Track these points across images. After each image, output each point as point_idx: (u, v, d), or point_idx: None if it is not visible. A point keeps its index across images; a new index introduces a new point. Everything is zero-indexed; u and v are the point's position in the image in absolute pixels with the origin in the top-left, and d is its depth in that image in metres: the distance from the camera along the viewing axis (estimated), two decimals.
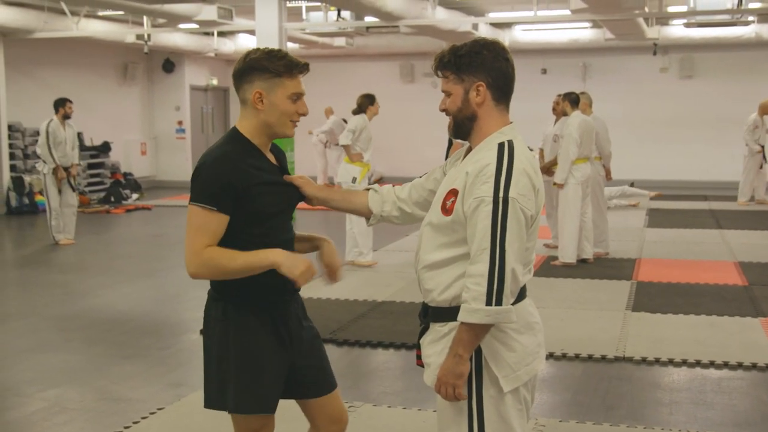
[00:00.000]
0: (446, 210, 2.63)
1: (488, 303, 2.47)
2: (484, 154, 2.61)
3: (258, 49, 2.95)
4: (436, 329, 2.71)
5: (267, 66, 2.86)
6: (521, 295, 2.69)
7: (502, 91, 2.69)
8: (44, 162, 11.21)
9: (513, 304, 2.57)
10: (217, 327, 2.93)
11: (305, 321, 3.10)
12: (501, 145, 2.60)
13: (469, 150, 2.73)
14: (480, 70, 2.65)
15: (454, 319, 2.56)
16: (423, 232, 2.76)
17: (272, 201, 2.90)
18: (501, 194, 2.50)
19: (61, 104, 11.15)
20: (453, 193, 2.63)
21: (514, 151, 2.59)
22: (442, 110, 2.77)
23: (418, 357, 2.80)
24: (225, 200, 2.79)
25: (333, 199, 3.10)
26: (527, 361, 2.68)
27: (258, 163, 2.89)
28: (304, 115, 2.94)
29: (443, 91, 2.76)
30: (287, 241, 2.99)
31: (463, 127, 2.72)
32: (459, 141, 2.84)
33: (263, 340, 2.91)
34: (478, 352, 2.61)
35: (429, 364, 2.72)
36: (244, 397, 2.89)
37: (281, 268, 2.77)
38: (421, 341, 2.78)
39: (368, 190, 3.09)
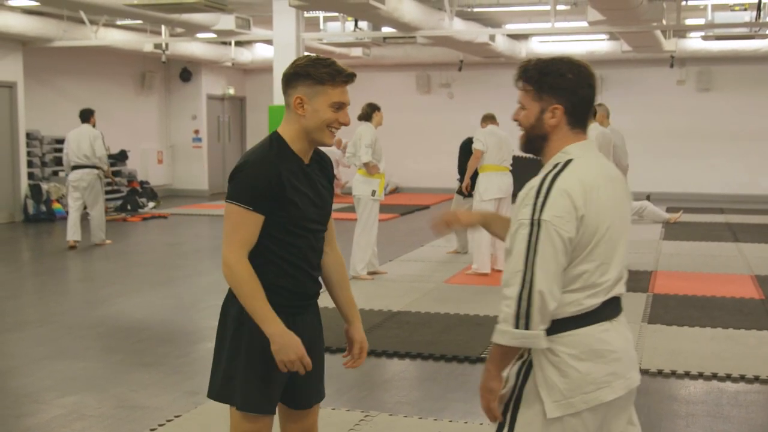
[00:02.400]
0: None
1: (516, 326, 2.45)
2: (538, 176, 2.59)
3: (307, 56, 2.98)
4: None
5: (311, 72, 2.88)
6: (590, 319, 2.58)
7: (580, 116, 2.64)
8: (99, 168, 11.91)
9: (577, 327, 2.53)
10: (233, 325, 2.97)
11: (318, 329, 3.13)
12: (553, 166, 2.57)
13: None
14: (561, 93, 2.61)
15: None
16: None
17: (300, 210, 2.93)
18: (536, 216, 2.47)
19: (92, 114, 12.04)
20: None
21: (564, 171, 2.53)
22: (515, 120, 2.74)
23: None
24: (261, 201, 2.85)
25: (492, 223, 3.16)
26: (586, 389, 2.52)
27: (294, 168, 2.93)
28: (345, 125, 2.96)
29: (519, 102, 2.73)
30: (314, 251, 3.04)
31: (533, 144, 2.70)
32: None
33: (262, 341, 2.93)
34: (526, 372, 2.59)
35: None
36: (251, 397, 2.94)
37: (272, 346, 2.85)
38: None
39: None
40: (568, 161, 2.56)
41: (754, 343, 6.58)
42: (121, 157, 17.36)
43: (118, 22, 15.80)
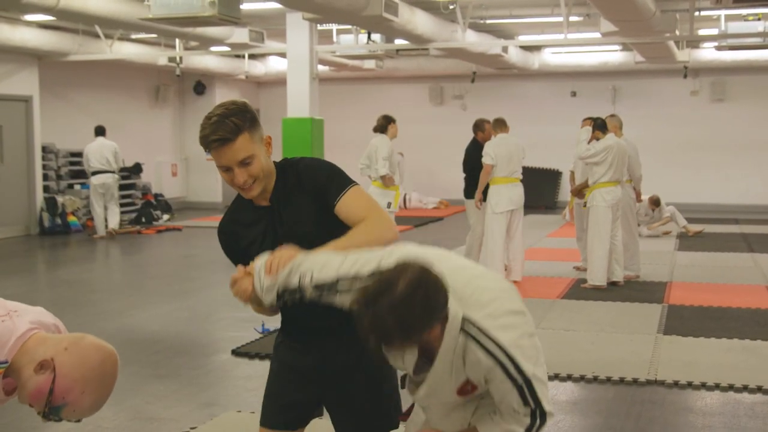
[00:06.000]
0: (467, 392, 2.51)
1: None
2: (475, 355, 2.38)
3: (215, 108, 2.90)
4: None
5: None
6: None
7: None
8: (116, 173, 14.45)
9: None
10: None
11: (353, 371, 2.94)
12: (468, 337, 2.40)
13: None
14: (437, 321, 2.35)
15: None
16: (429, 405, 2.62)
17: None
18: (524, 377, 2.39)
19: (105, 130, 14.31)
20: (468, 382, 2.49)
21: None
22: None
23: None
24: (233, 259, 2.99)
25: None
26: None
27: (246, 217, 3.01)
28: (239, 186, 2.81)
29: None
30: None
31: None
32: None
33: (278, 363, 3.05)
34: None
35: None
36: (262, 410, 3.07)
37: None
38: None
39: None
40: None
41: None
42: (136, 169, 17.44)
43: (133, 36, 15.91)
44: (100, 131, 14.34)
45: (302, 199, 2.86)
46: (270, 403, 3.04)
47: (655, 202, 13.96)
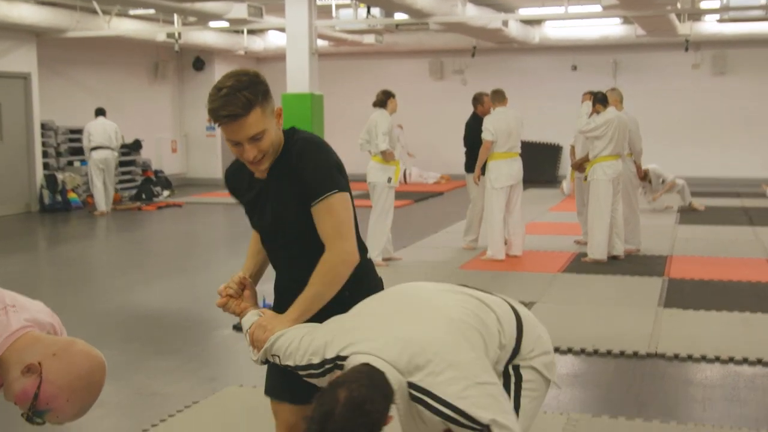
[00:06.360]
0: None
1: None
2: (427, 414, 2.49)
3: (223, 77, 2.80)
4: None
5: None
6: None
7: None
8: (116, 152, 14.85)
9: None
10: None
11: None
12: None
13: None
14: None
15: None
16: None
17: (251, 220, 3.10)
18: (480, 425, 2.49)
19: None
20: None
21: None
22: None
23: None
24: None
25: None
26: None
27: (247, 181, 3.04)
28: (248, 161, 2.80)
29: None
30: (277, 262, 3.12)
31: None
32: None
33: None
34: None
35: None
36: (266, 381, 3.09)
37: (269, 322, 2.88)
38: None
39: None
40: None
41: None
42: (135, 146, 17.41)
43: (131, 12, 15.82)
44: (100, 112, 14.55)
45: (292, 184, 2.83)
46: (271, 372, 3.02)
47: (644, 176, 13.84)
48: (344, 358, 2.54)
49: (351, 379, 2.38)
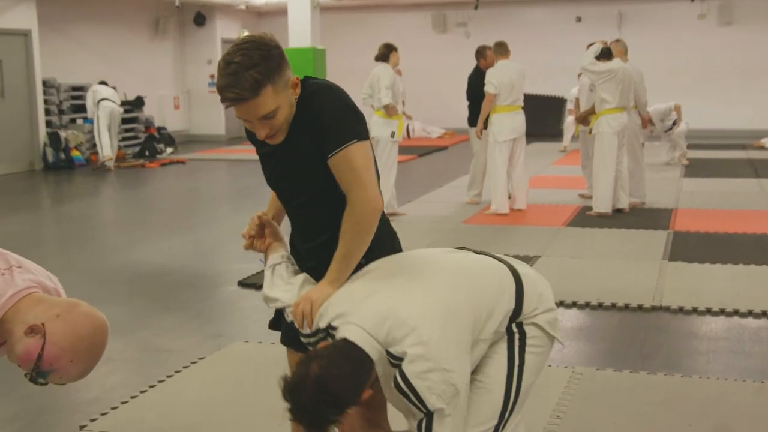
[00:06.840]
0: None
1: None
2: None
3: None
4: None
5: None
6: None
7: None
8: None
9: None
10: None
11: None
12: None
13: None
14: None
15: None
16: None
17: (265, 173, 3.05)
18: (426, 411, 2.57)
19: None
20: None
21: None
22: None
23: None
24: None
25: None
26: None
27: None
28: (262, 138, 2.71)
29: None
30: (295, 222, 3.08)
31: None
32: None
33: None
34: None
35: None
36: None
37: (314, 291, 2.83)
38: None
39: None
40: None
41: None
42: (138, 103, 17.33)
43: None
44: (102, 83, 14.97)
45: (310, 138, 2.73)
46: (289, 325, 2.95)
47: (649, 121, 13.69)
48: (335, 328, 2.62)
49: (326, 354, 2.48)
